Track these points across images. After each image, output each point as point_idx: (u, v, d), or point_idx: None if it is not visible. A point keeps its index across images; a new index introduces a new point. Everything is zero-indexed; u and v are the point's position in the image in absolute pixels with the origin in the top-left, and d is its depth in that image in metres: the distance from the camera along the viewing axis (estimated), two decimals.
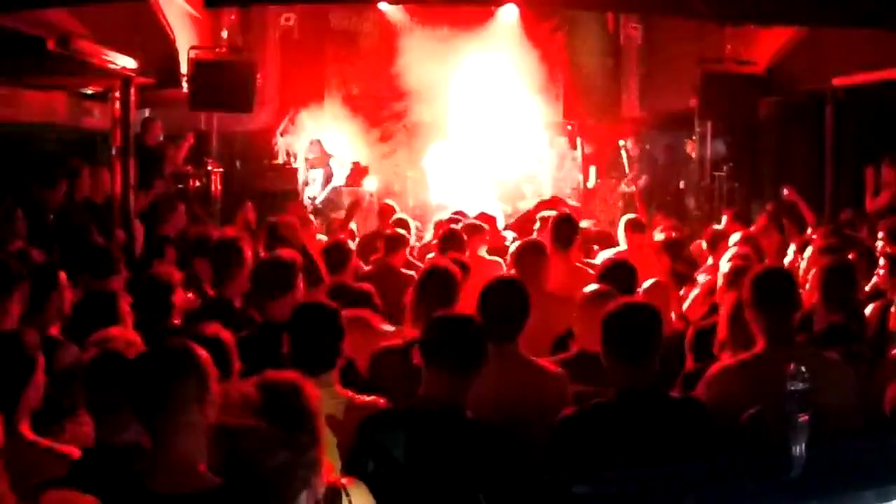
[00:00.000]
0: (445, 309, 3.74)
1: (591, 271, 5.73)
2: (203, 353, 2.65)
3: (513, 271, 5.50)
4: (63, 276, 4.44)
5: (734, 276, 4.73)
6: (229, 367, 3.22)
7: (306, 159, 12.87)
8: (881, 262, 5.32)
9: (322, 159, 12.82)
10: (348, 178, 12.86)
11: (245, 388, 2.24)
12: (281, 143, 13.27)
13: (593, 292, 4.21)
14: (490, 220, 8.31)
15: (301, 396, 2.25)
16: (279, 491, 2.16)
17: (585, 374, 3.76)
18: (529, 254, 5.47)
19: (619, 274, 4.78)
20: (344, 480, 2.47)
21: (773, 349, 3.41)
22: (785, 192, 8.89)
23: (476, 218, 7.97)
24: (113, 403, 2.85)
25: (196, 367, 2.60)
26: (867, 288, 5.26)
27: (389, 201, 9.86)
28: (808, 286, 4.60)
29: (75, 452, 2.94)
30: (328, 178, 12.67)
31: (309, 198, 12.27)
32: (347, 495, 2.36)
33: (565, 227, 6.27)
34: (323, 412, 2.39)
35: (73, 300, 4.42)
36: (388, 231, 7.34)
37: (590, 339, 3.75)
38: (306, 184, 12.43)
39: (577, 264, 6.26)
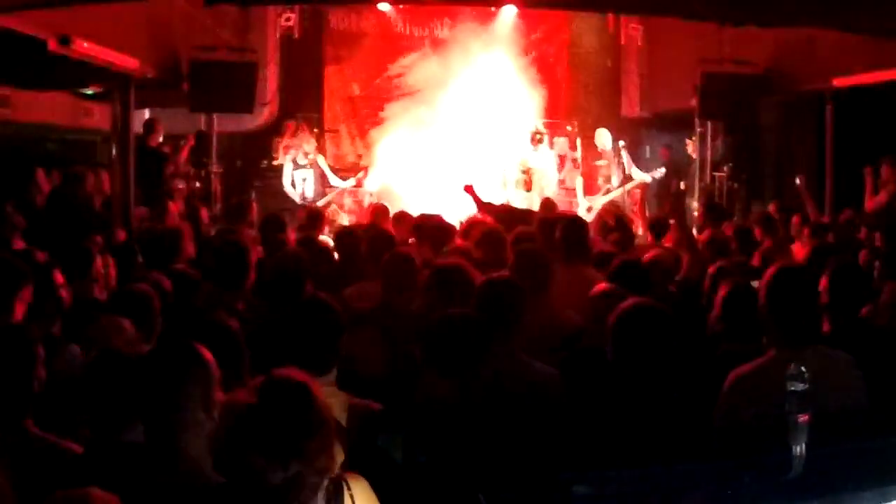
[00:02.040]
0: None
1: None
2: (208, 353, 2.65)
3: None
4: (59, 275, 4.44)
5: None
6: None
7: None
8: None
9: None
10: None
11: (247, 397, 2.14)
12: (281, 147, 13.27)
13: (602, 291, 4.22)
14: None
15: (309, 400, 2.17)
16: (288, 499, 2.12)
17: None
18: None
19: (631, 274, 4.77)
20: (346, 475, 2.45)
21: (784, 351, 3.23)
22: (797, 181, 9.00)
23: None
24: (114, 402, 2.85)
25: (201, 369, 2.60)
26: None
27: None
28: None
29: (78, 449, 2.94)
30: (322, 179, 12.62)
31: (302, 199, 12.24)
32: (349, 489, 2.34)
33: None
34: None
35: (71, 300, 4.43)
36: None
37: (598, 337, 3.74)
38: (293, 185, 12.40)
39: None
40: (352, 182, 12.77)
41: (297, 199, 12.12)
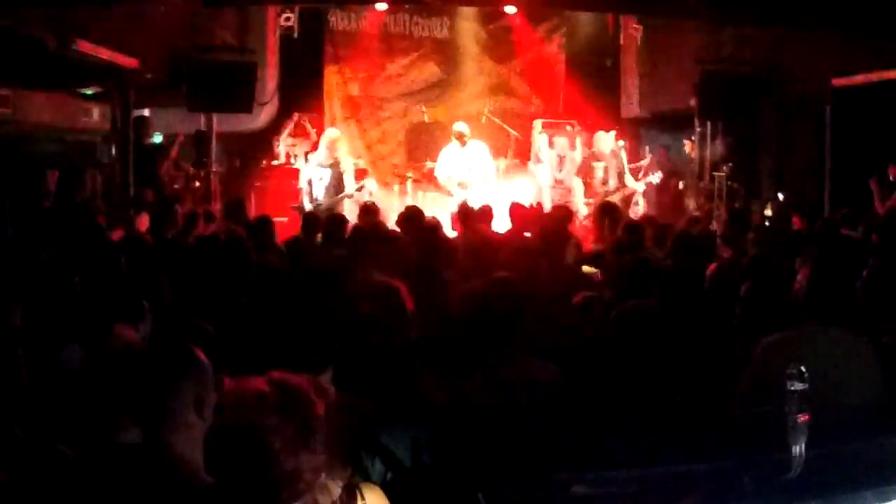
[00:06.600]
0: None
1: None
2: (201, 354, 2.64)
3: None
4: (77, 279, 4.46)
5: None
6: None
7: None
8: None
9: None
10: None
11: (261, 387, 2.18)
12: (281, 143, 13.24)
13: (583, 297, 4.24)
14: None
15: (312, 399, 2.21)
16: (282, 493, 2.13)
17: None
18: None
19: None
20: (360, 483, 2.46)
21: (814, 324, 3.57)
22: (780, 197, 8.95)
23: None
24: (109, 401, 2.84)
25: (194, 369, 2.59)
26: None
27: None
28: None
29: (69, 452, 2.93)
30: (338, 182, 12.47)
31: (312, 200, 12.15)
32: (363, 497, 2.35)
33: None
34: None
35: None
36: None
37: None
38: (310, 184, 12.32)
39: None
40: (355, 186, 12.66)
41: (308, 200, 11.98)
